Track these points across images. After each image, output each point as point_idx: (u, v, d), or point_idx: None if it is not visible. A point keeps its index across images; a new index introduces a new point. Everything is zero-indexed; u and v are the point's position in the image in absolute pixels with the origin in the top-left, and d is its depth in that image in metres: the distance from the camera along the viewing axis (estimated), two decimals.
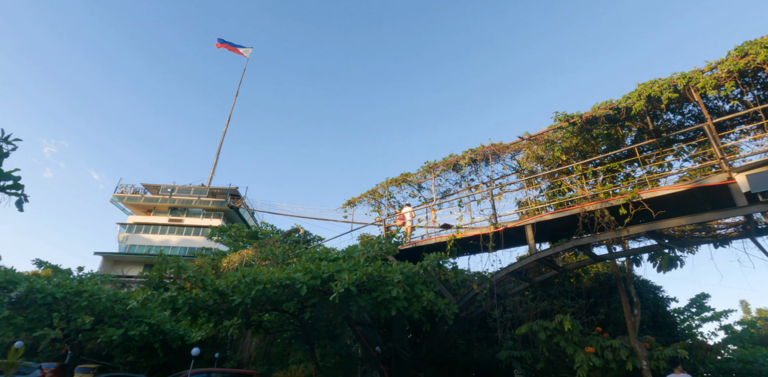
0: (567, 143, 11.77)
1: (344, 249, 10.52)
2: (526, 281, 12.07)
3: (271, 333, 15.76)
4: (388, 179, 15.70)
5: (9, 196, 4.92)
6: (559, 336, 11.20)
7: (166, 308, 9.11)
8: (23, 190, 5.04)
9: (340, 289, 8.16)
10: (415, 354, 13.14)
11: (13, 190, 4.87)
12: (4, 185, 4.79)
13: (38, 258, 15.59)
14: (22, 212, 5.02)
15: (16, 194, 4.92)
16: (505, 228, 11.31)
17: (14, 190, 4.87)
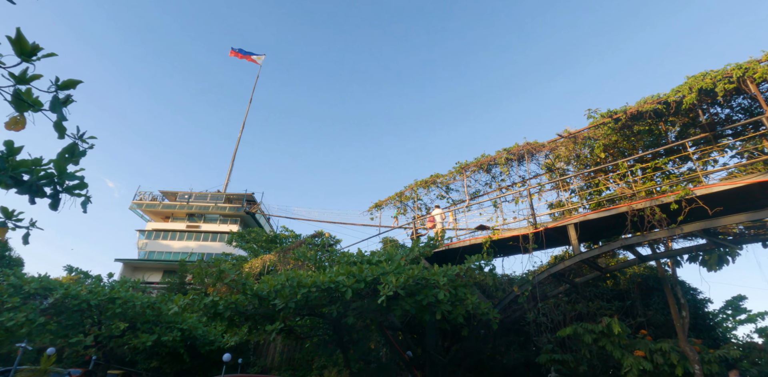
0: (606, 140, 11.46)
1: (386, 252, 10.32)
2: (567, 282, 11.73)
3: (302, 338, 15.61)
4: (417, 180, 15.50)
5: (73, 197, 4.85)
6: (605, 339, 10.83)
7: (208, 313, 9.00)
8: (87, 190, 4.97)
9: (388, 292, 7.97)
10: (452, 359, 12.84)
11: (77, 190, 4.79)
12: (70, 186, 4.71)
13: (69, 264, 15.68)
14: (85, 213, 4.94)
15: (80, 195, 4.84)
16: (546, 229, 11.02)
17: (79, 190, 4.79)
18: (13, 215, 5.24)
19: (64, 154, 3.79)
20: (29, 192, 4.60)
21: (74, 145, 3.76)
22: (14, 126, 3.75)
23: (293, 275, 8.76)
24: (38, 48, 3.48)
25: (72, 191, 4.75)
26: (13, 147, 4.31)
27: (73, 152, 3.76)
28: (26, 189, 4.57)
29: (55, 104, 3.35)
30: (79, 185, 4.74)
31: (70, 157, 3.76)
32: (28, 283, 13.23)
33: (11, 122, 3.73)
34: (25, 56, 3.38)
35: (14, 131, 3.82)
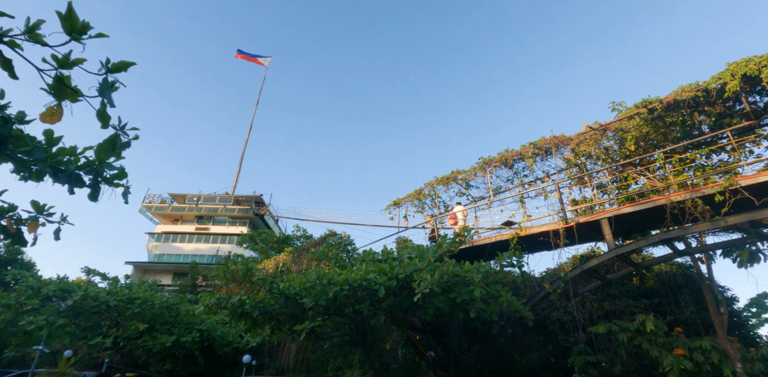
0: (636, 132, 11.11)
1: (416, 248, 10.02)
2: (599, 279, 11.38)
3: (323, 338, 15.33)
4: (437, 177, 15.21)
5: (112, 187, 4.60)
6: (640, 337, 10.45)
7: (235, 312, 8.74)
8: (127, 180, 4.72)
9: (424, 289, 7.67)
10: (478, 360, 12.51)
11: (117, 180, 4.54)
12: (109, 176, 4.46)
13: (86, 266, 15.53)
14: (127, 204, 4.69)
15: (120, 185, 4.59)
16: (577, 224, 10.69)
17: (118, 180, 4.54)
18: (44, 210, 5.00)
19: (106, 146, 3.54)
20: (68, 182, 4.35)
21: (116, 136, 3.51)
22: (50, 117, 3.51)
23: (323, 273, 8.48)
24: (88, 26, 3.22)
25: (112, 181, 4.51)
26: (52, 137, 4.08)
27: (114, 143, 3.51)
28: (65, 179, 4.32)
29: (104, 88, 3.09)
30: (118, 174, 4.49)
31: (112, 149, 3.52)
32: (46, 285, 13.07)
33: (47, 113, 3.48)
34: (75, 34, 3.11)
35: (49, 124, 3.59)
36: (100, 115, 3.24)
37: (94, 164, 4.30)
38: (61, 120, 3.48)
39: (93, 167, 4.32)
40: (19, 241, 4.70)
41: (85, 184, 4.48)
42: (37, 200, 5.07)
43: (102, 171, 4.47)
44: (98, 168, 4.39)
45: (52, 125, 3.44)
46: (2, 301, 12.73)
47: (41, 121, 3.45)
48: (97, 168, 4.35)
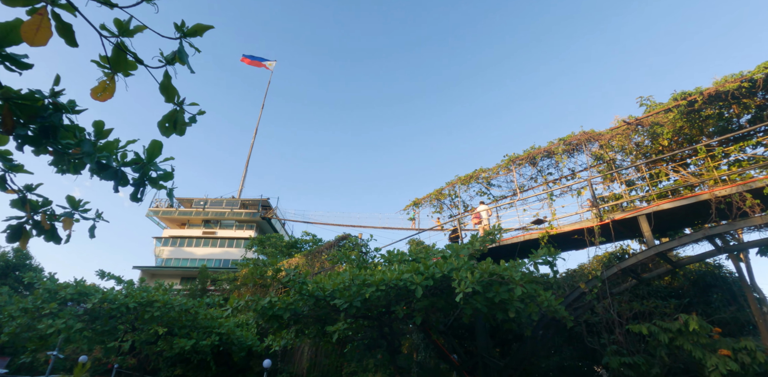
0: (671, 126, 10.78)
1: (451, 247, 9.69)
2: (635, 278, 11.00)
3: (346, 342, 14.96)
4: (459, 176, 14.89)
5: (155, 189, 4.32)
6: (682, 337, 10.06)
7: (265, 314, 8.42)
8: (173, 182, 4.43)
9: (466, 288, 7.34)
10: (509, 362, 12.10)
11: (162, 182, 4.25)
12: (156, 177, 4.17)
13: (101, 269, 15.22)
14: (172, 206, 4.41)
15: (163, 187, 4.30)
16: (613, 221, 10.34)
17: (164, 181, 4.25)
18: (79, 206, 4.70)
19: (165, 123, 3.23)
20: (113, 179, 4.07)
21: (176, 112, 3.21)
22: (102, 93, 3.21)
23: (358, 274, 8.16)
24: None
25: (157, 182, 4.22)
26: (102, 129, 3.79)
27: (175, 120, 3.21)
28: (110, 175, 4.01)
29: (181, 53, 2.81)
30: (165, 175, 4.19)
31: (173, 126, 3.22)
32: (63, 288, 12.77)
33: (99, 88, 3.18)
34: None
35: (100, 101, 3.30)
36: (163, 88, 2.94)
37: (141, 161, 4.03)
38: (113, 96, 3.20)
39: (141, 164, 4.05)
40: (52, 238, 4.39)
41: (128, 182, 4.21)
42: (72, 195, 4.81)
43: (148, 170, 4.19)
44: (145, 167, 4.12)
45: (103, 101, 3.16)
46: (19, 305, 12.43)
47: (92, 97, 3.15)
48: (144, 167, 4.08)
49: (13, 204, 4.24)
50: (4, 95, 3.11)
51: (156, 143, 3.85)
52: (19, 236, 4.24)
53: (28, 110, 3.13)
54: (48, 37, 2.37)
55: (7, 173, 4.22)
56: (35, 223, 4.34)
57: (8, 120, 3.11)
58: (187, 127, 3.22)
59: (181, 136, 3.17)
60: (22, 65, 3.05)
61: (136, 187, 4.14)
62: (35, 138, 3.44)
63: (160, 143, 3.87)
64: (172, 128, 3.15)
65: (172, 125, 3.13)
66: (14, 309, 12.34)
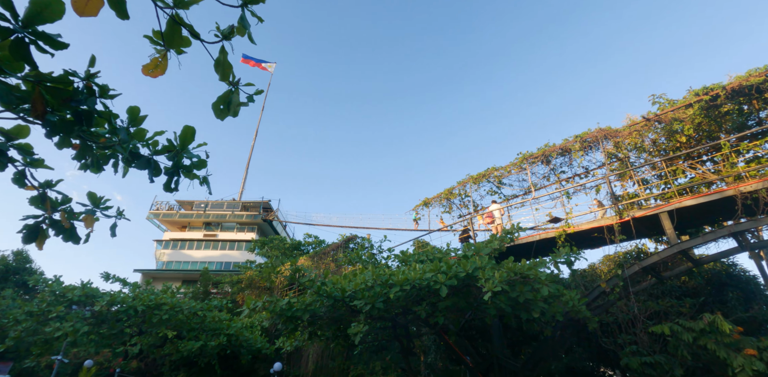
0: (689, 122, 10.61)
1: (473, 246, 9.49)
2: (655, 276, 10.81)
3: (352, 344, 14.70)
4: (471, 175, 14.69)
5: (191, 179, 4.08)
6: (706, 337, 9.86)
7: (284, 315, 8.19)
8: (207, 170, 4.20)
9: (495, 287, 7.13)
10: (525, 364, 11.88)
11: (195, 170, 4.02)
12: (189, 165, 3.94)
13: (106, 271, 14.94)
14: (210, 194, 4.17)
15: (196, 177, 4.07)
16: (633, 218, 10.16)
17: (197, 170, 4.01)
18: (101, 203, 4.47)
19: (219, 104, 3.02)
20: (147, 167, 3.84)
21: (230, 92, 2.99)
22: (153, 70, 3.00)
23: (381, 273, 7.94)
24: None
25: (190, 170, 4.00)
26: (137, 116, 3.57)
27: (230, 101, 2.99)
28: (143, 165, 3.81)
29: (243, 21, 2.58)
30: (198, 163, 3.97)
31: (227, 108, 3.00)
32: (70, 291, 12.50)
33: (151, 65, 2.97)
34: None
35: (151, 77, 3.09)
36: (219, 65, 2.71)
37: (174, 148, 3.81)
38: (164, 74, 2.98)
39: (174, 151, 3.83)
40: (71, 237, 4.15)
41: (161, 172, 3.99)
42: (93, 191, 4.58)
43: (181, 159, 3.97)
44: (178, 155, 3.90)
45: (155, 77, 2.95)
46: (25, 308, 12.16)
47: (143, 73, 2.94)
48: (178, 155, 3.86)
49: (32, 202, 4.00)
50: (36, 78, 2.89)
51: (188, 129, 3.63)
52: (36, 236, 3.99)
53: (60, 94, 2.91)
54: (99, 7, 2.18)
55: (27, 169, 3.99)
56: (53, 222, 4.10)
57: (39, 105, 2.89)
58: (243, 107, 2.99)
59: (235, 117, 2.95)
60: (57, 45, 2.83)
61: (170, 176, 3.91)
62: (67, 125, 3.22)
63: (193, 129, 3.64)
64: (227, 110, 2.93)
65: (227, 106, 2.91)
66: (20, 313, 12.07)
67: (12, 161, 3.85)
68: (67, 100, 2.86)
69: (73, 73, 2.88)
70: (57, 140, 3.89)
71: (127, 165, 3.79)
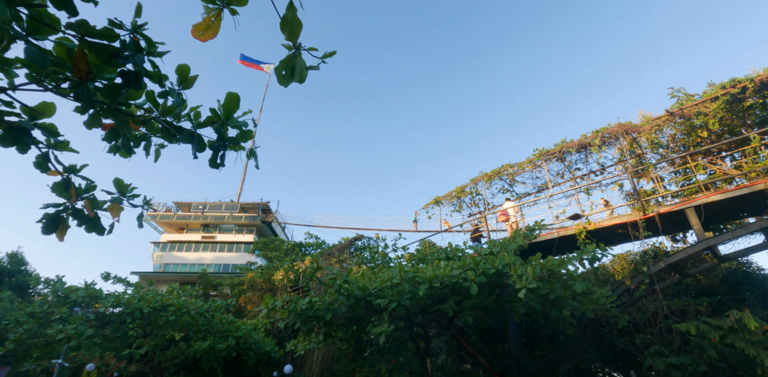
0: (712, 117, 10.44)
1: (493, 242, 9.21)
2: (679, 273, 10.59)
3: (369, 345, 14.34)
4: (484, 172, 14.44)
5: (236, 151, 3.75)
6: (733, 335, 9.64)
7: (305, 315, 7.85)
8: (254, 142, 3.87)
9: (531, 285, 6.85)
10: (545, 364, 11.60)
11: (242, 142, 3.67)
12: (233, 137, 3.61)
13: (106, 272, 14.48)
14: (258, 168, 3.84)
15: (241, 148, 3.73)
16: (659, 214, 9.93)
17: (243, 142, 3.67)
18: (128, 190, 4.14)
19: (282, 70, 2.70)
20: (191, 141, 3.52)
21: (294, 56, 2.66)
22: (205, 32, 2.68)
23: (407, 270, 7.64)
24: None
25: (237, 142, 3.67)
26: (187, 76, 3.25)
27: (293, 66, 2.66)
28: (187, 138, 3.47)
29: None
30: (243, 134, 3.65)
31: (290, 74, 2.68)
32: (74, 292, 12.05)
33: (202, 25, 2.64)
34: None
35: (201, 41, 2.77)
36: (286, 23, 2.38)
37: (218, 119, 3.48)
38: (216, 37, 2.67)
39: (219, 122, 3.50)
40: (95, 228, 3.80)
41: (205, 146, 3.66)
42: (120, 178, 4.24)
43: (226, 130, 3.65)
44: (223, 126, 3.57)
45: (205, 41, 2.63)
46: (26, 309, 11.70)
47: (193, 35, 2.62)
48: (223, 125, 3.53)
49: (55, 188, 3.65)
50: (78, 30, 2.53)
51: (232, 96, 3.29)
52: (57, 226, 3.65)
53: (104, 50, 2.57)
54: None
55: (51, 151, 3.64)
56: (75, 211, 3.76)
57: (82, 64, 2.55)
58: (312, 70, 2.66)
59: (301, 83, 2.63)
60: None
61: (215, 151, 3.58)
62: (111, 89, 2.88)
63: (237, 96, 3.31)
64: (290, 76, 2.61)
65: (290, 71, 2.59)
66: (21, 314, 11.61)
67: (35, 142, 3.51)
68: (114, 56, 2.52)
69: (119, 25, 2.55)
70: (86, 119, 3.55)
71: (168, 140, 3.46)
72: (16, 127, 3.35)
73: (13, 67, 3.26)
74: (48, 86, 3.24)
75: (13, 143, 3.39)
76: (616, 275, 16.35)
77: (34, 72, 3.18)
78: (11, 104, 3.32)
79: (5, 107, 3.35)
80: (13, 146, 3.40)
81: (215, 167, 3.64)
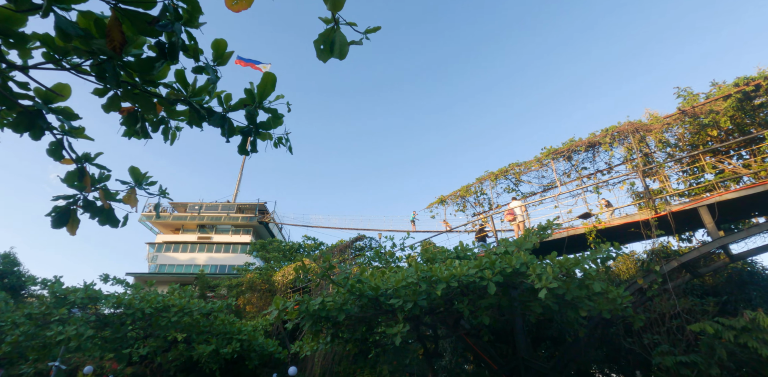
0: (724, 115, 10.37)
1: (513, 241, 9.04)
2: (691, 273, 10.50)
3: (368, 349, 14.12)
4: (491, 171, 14.30)
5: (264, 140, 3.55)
6: (747, 335, 9.55)
7: (316, 315, 7.64)
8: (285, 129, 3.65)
9: (552, 284, 6.69)
10: (554, 365, 11.44)
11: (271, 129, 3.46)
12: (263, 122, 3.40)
13: (105, 274, 14.18)
14: (292, 154, 3.64)
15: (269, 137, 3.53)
16: (671, 212, 9.83)
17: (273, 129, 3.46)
18: (144, 179, 3.93)
19: (320, 44, 2.47)
20: (221, 125, 3.31)
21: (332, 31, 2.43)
22: (238, 2, 2.49)
23: (425, 269, 7.45)
24: None
25: (268, 128, 3.46)
26: (224, 51, 3.02)
27: (332, 41, 2.44)
28: (218, 121, 3.26)
29: None
30: (273, 119, 3.43)
31: (329, 50, 2.45)
32: (72, 293, 11.74)
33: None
34: None
35: (234, 11, 2.57)
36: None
37: (251, 102, 3.26)
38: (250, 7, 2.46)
39: (251, 105, 3.29)
40: (109, 220, 3.57)
41: (235, 131, 3.45)
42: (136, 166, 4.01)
43: (256, 115, 3.44)
44: (254, 110, 3.36)
45: (237, 12, 2.44)
46: (24, 311, 11.37)
47: (227, 5, 2.42)
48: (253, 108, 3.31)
49: (68, 178, 3.42)
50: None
51: (269, 77, 3.08)
52: (68, 219, 3.42)
53: (140, 18, 2.37)
54: None
55: (66, 138, 3.41)
56: (87, 203, 3.54)
57: (116, 33, 2.33)
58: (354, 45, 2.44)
59: (342, 59, 2.43)
60: None
61: (244, 136, 3.37)
62: (145, 63, 2.67)
63: (274, 77, 3.10)
64: (328, 51, 2.40)
65: (328, 46, 2.39)
66: (18, 316, 11.28)
67: (50, 128, 3.28)
68: (153, 22, 2.31)
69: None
70: (105, 101, 3.33)
71: (196, 123, 3.23)
72: (30, 111, 3.13)
73: (29, 45, 3.04)
74: (65, 66, 3.02)
75: (26, 129, 3.17)
76: (621, 275, 16.27)
77: (52, 50, 2.96)
78: (26, 86, 3.10)
79: (19, 88, 3.13)
80: (26, 131, 3.18)
81: (245, 153, 3.43)
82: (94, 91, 3.32)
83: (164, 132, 3.72)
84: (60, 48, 2.91)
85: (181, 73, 3.09)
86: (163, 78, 3.12)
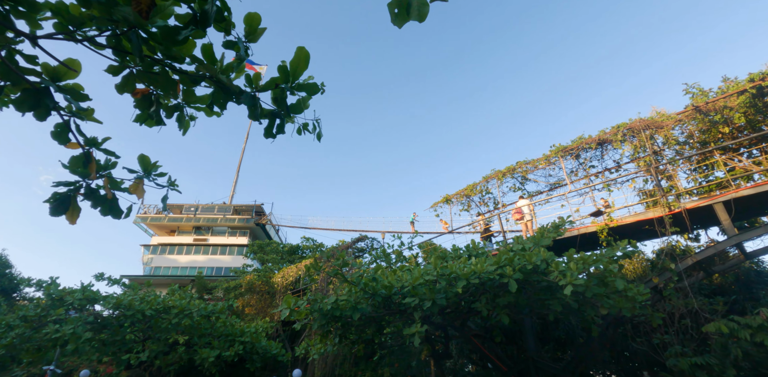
0: (738, 112, 10.24)
1: (520, 238, 8.83)
2: (704, 271, 10.33)
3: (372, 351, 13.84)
4: (498, 170, 14.10)
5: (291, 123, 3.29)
6: (762, 334, 9.37)
7: (329, 315, 7.36)
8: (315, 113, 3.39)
9: (575, 280, 6.46)
10: (566, 366, 11.22)
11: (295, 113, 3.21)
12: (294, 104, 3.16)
13: (101, 272, 13.77)
14: (319, 141, 3.38)
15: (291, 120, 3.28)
16: (686, 209, 9.67)
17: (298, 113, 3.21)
18: (154, 168, 3.65)
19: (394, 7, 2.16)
20: (251, 103, 3.04)
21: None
22: None
23: (443, 266, 7.20)
24: None
25: (298, 110, 3.20)
26: (257, 27, 2.75)
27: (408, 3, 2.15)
28: (248, 100, 2.99)
29: None
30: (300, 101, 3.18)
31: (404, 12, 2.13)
32: (69, 294, 11.35)
33: None
34: None
35: None
36: None
37: (285, 80, 3.00)
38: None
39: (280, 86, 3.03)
40: (112, 210, 3.29)
41: (265, 113, 3.19)
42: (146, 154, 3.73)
43: (285, 98, 3.18)
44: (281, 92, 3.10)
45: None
46: (19, 313, 10.96)
47: None
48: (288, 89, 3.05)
49: (72, 163, 3.14)
50: None
51: (302, 53, 2.82)
52: (67, 207, 3.13)
53: None
54: None
55: (73, 120, 3.13)
56: (89, 191, 3.25)
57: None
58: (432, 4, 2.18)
59: (421, 22, 2.16)
60: None
61: (271, 118, 3.12)
62: (171, 32, 2.40)
63: (307, 53, 2.85)
64: (405, 14, 2.14)
65: (404, 8, 2.12)
66: (13, 318, 10.87)
67: (57, 108, 3.00)
68: None
69: None
70: (119, 81, 3.06)
71: (219, 105, 2.98)
72: (37, 88, 2.86)
73: (39, 15, 2.77)
74: (78, 38, 2.74)
75: (31, 108, 2.89)
76: (629, 274, 16.11)
77: (65, 20, 2.69)
78: (34, 59, 2.82)
79: (27, 62, 2.85)
80: (31, 111, 2.90)
81: (271, 136, 3.17)
82: (108, 69, 3.05)
83: (179, 119, 3.46)
84: (74, 17, 2.65)
85: (209, 48, 2.83)
86: (189, 53, 2.86)
